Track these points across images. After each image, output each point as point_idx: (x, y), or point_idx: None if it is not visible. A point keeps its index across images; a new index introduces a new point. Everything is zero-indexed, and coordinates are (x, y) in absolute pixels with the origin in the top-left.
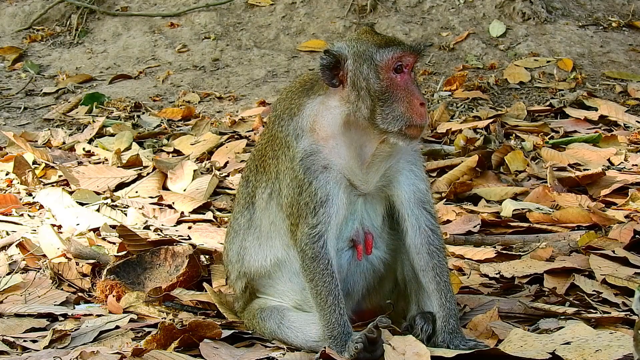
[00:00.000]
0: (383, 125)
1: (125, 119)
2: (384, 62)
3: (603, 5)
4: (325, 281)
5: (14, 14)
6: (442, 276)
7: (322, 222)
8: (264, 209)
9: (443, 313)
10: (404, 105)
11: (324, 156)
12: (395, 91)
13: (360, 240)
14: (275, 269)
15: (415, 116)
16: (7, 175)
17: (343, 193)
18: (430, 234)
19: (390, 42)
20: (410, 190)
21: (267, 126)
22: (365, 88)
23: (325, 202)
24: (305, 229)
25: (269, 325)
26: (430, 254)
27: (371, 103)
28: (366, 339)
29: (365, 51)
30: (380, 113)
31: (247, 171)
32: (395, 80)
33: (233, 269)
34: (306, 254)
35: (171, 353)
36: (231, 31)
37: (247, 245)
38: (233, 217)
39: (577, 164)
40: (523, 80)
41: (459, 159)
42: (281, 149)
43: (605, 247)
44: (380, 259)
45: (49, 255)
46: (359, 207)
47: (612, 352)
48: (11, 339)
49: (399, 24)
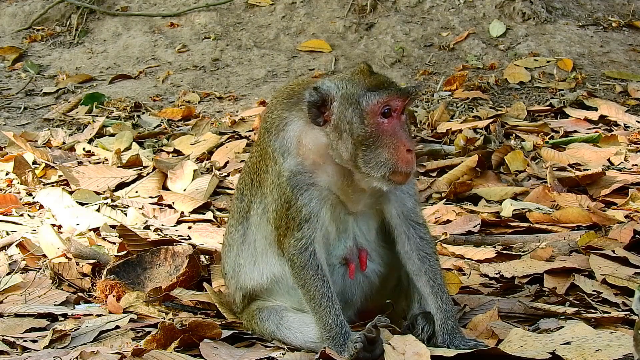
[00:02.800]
0: (365, 169)
1: (125, 119)
2: (370, 107)
3: (603, 5)
4: (317, 285)
5: (14, 14)
6: (435, 279)
7: (307, 235)
8: (258, 225)
9: (440, 315)
10: (389, 152)
11: (310, 174)
12: (380, 136)
13: (353, 259)
14: (272, 285)
15: (400, 163)
16: (7, 175)
17: (329, 209)
18: (419, 241)
19: (380, 85)
20: (398, 207)
21: (258, 138)
22: (349, 131)
23: (309, 219)
24: (292, 241)
25: (267, 325)
26: (421, 259)
27: (353, 147)
28: (365, 339)
29: (353, 94)
30: (363, 157)
31: (242, 184)
32: (382, 126)
33: (230, 283)
34: (295, 263)
35: (171, 353)
36: (231, 31)
37: (242, 262)
38: (227, 231)
39: (577, 164)
40: (523, 80)
41: (459, 159)
42: (270, 163)
43: (605, 247)
44: (376, 272)
45: (49, 255)
46: (351, 226)
47: (612, 352)
48: (11, 339)
49: (399, 24)
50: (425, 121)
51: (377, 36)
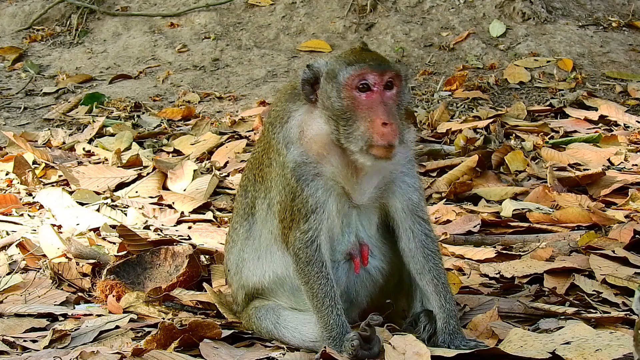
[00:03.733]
0: (346, 144)
1: (125, 119)
2: (345, 80)
3: (603, 5)
4: (321, 283)
5: (14, 14)
6: (439, 278)
7: (314, 227)
8: (264, 220)
9: (443, 315)
10: (365, 125)
11: (315, 165)
12: (356, 110)
13: (357, 254)
14: (274, 285)
15: (376, 136)
16: (7, 175)
17: (335, 200)
18: (424, 238)
19: (359, 59)
20: (403, 200)
21: (262, 133)
22: (330, 106)
23: (316, 209)
24: (298, 234)
25: (265, 324)
26: (425, 257)
27: (334, 122)
28: (360, 337)
29: (334, 69)
30: (343, 132)
31: (245, 180)
32: (359, 99)
33: (232, 280)
34: (300, 258)
35: (171, 353)
36: (231, 31)
37: (246, 257)
38: (232, 227)
39: (577, 164)
40: (523, 80)
41: (459, 159)
42: (274, 156)
43: (605, 247)
44: (378, 268)
45: (49, 255)
46: (354, 219)
47: (612, 352)
48: (11, 339)
49: (399, 24)
50: (425, 121)
51: (377, 36)
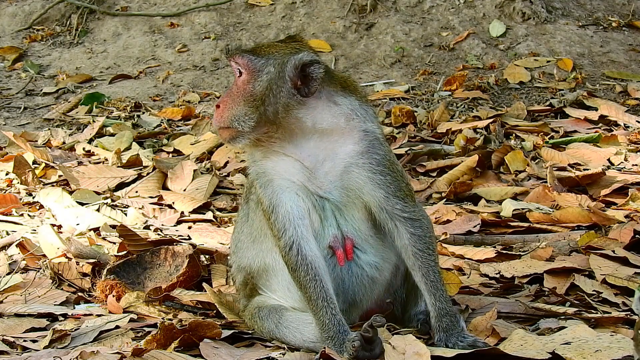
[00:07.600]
0: None
1: (125, 119)
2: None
3: (603, 5)
4: (311, 286)
5: (14, 13)
6: (428, 276)
7: (284, 230)
8: (254, 210)
9: (435, 312)
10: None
11: (267, 172)
12: None
13: (338, 246)
14: (262, 273)
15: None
16: (7, 175)
17: (293, 197)
18: (409, 237)
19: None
20: (371, 198)
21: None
22: None
23: (273, 211)
24: (277, 241)
25: (267, 324)
26: (414, 255)
27: None
28: (362, 338)
29: None
30: None
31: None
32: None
33: (233, 260)
34: (288, 265)
35: (171, 353)
36: (231, 31)
37: (242, 239)
38: (240, 207)
39: (577, 164)
40: (523, 80)
41: (459, 159)
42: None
43: (605, 247)
44: (370, 264)
45: (49, 255)
46: (330, 214)
47: (612, 353)
48: (11, 339)
49: (399, 24)
50: (425, 121)
51: (377, 36)
